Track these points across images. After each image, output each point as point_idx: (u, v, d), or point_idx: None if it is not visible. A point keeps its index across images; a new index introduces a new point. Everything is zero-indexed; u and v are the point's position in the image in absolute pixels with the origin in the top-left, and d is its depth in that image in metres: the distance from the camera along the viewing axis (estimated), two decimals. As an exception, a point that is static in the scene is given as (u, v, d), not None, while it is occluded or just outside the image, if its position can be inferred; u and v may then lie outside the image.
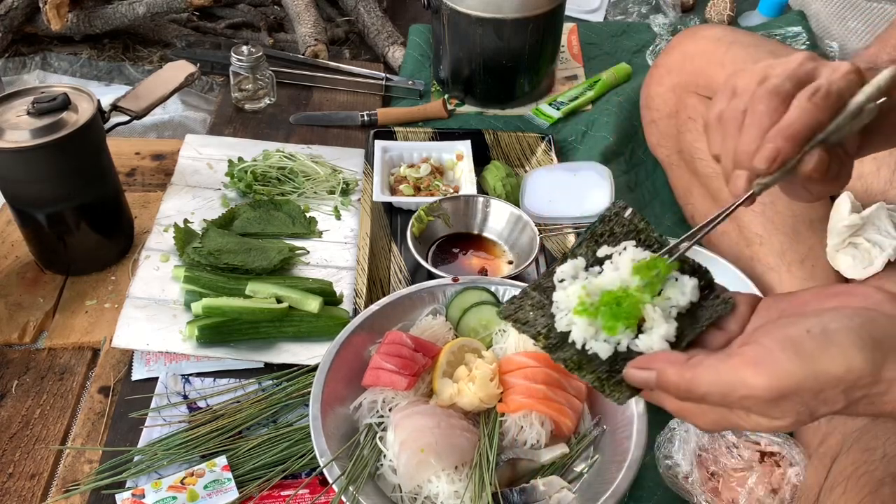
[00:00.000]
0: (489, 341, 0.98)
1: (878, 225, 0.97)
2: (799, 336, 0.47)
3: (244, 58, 1.43)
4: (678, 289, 0.56)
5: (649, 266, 0.56)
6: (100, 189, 1.12)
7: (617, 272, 0.57)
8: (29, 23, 1.73)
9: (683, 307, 0.55)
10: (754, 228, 1.05)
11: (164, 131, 1.64)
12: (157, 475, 0.88)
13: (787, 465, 0.84)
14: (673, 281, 0.56)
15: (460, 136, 1.36)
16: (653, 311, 0.54)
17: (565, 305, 0.58)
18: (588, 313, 0.56)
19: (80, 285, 1.14)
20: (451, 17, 1.41)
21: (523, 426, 0.88)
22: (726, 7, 1.76)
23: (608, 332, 0.55)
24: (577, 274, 0.59)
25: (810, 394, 0.47)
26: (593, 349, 0.56)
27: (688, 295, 0.55)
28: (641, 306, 0.55)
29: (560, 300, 0.58)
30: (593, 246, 0.61)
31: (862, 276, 0.98)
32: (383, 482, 0.86)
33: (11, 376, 1.01)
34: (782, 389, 0.47)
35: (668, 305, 0.55)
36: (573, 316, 0.57)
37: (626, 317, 0.54)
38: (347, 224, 1.23)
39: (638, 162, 1.36)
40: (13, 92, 1.05)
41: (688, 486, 0.85)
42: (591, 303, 0.56)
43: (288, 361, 1.01)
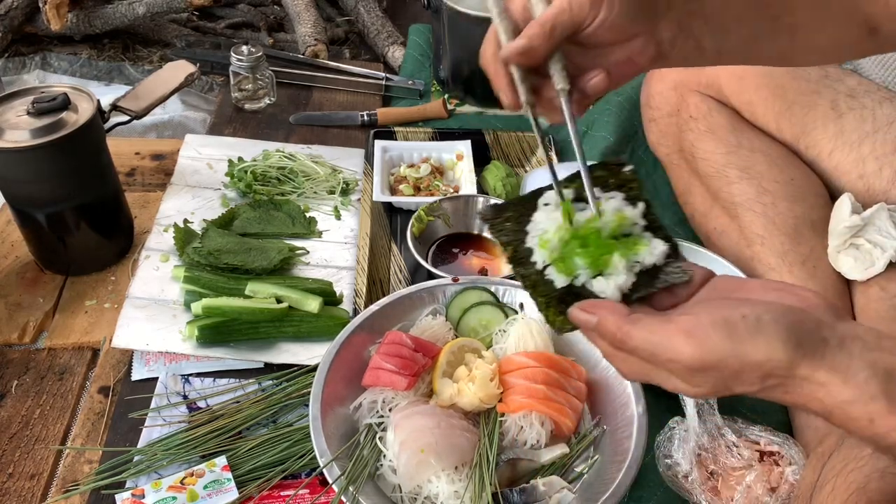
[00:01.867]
0: (489, 341, 0.98)
1: (879, 226, 0.97)
2: (733, 319, 0.52)
3: (244, 58, 1.43)
4: (648, 249, 0.59)
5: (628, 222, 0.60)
6: (100, 189, 1.12)
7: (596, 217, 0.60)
8: (29, 23, 1.73)
9: (646, 266, 0.58)
10: (755, 229, 1.05)
11: (164, 131, 1.64)
12: (157, 475, 0.88)
13: (787, 464, 0.84)
14: (646, 241, 0.59)
15: (460, 136, 1.36)
16: (618, 261, 0.58)
17: (541, 227, 0.61)
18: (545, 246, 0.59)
19: (80, 285, 1.14)
20: (451, 17, 1.40)
21: (523, 426, 0.88)
22: (726, 7, 1.76)
23: (562, 271, 0.59)
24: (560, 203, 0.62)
25: (730, 371, 0.52)
26: (551, 276, 0.59)
27: (654, 257, 0.58)
28: (611, 255, 0.58)
29: (538, 221, 0.61)
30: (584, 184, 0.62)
31: (863, 278, 0.98)
32: (383, 482, 0.86)
33: (11, 376, 1.01)
34: (706, 362, 0.51)
35: (634, 260, 0.58)
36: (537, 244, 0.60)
37: (589, 256, 0.58)
38: (347, 224, 1.23)
39: (638, 162, 1.36)
40: (13, 92, 1.05)
41: (687, 486, 0.85)
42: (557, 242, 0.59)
43: (288, 361, 1.01)
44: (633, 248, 0.59)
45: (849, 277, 1.00)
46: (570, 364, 0.93)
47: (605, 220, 0.60)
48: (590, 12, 0.63)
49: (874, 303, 0.97)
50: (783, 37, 0.73)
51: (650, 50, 0.67)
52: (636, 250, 0.59)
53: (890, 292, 0.96)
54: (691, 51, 0.70)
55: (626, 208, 0.61)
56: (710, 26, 0.70)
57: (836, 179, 1.07)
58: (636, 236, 0.60)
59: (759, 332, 0.51)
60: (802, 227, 1.04)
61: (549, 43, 0.63)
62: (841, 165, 1.06)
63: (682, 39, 0.69)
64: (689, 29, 0.69)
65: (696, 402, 0.86)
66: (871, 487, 0.64)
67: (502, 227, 0.63)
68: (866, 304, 0.98)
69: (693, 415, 0.86)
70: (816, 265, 1.02)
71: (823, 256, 1.02)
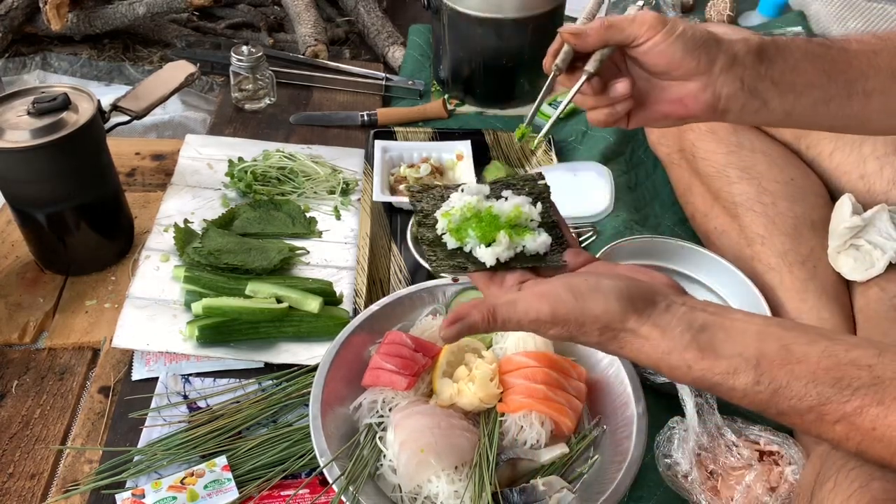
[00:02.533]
0: (489, 341, 0.98)
1: (879, 227, 0.97)
2: (578, 283, 0.63)
3: (244, 58, 1.43)
4: (532, 237, 0.71)
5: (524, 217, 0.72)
6: (100, 189, 1.12)
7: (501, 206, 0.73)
8: (29, 23, 1.73)
9: (530, 251, 0.71)
10: (756, 228, 1.05)
11: (164, 131, 1.64)
12: (157, 475, 0.88)
13: (786, 463, 0.84)
14: (534, 232, 0.72)
15: (460, 136, 1.36)
16: (503, 238, 0.70)
17: (450, 204, 0.74)
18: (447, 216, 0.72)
19: (80, 285, 1.14)
20: (451, 17, 1.41)
21: (523, 426, 0.88)
22: (726, 7, 1.76)
23: (455, 237, 0.71)
24: (477, 194, 0.75)
25: (575, 324, 0.62)
26: (446, 240, 0.72)
27: (536, 245, 0.71)
28: (497, 233, 0.70)
29: (452, 199, 0.74)
30: (502, 188, 0.76)
31: (863, 279, 0.98)
32: (383, 482, 0.86)
33: (11, 376, 1.01)
34: (556, 315, 0.62)
35: (520, 243, 0.71)
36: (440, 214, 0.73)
37: (480, 230, 0.70)
38: (347, 224, 1.24)
39: (638, 162, 1.36)
40: (13, 92, 1.05)
41: (687, 485, 0.85)
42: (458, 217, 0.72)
43: (288, 361, 1.01)
44: (520, 234, 0.71)
45: (849, 278, 1.00)
46: (570, 364, 0.94)
47: (504, 209, 0.72)
48: (647, 31, 0.70)
49: (874, 303, 0.97)
50: (857, 101, 0.76)
51: (705, 97, 0.72)
52: (523, 236, 0.71)
53: (889, 293, 0.96)
54: (757, 110, 0.75)
55: (525, 207, 0.73)
56: (780, 89, 0.74)
57: (837, 179, 1.08)
58: (528, 229, 0.72)
59: (598, 291, 0.62)
60: (802, 227, 1.04)
61: (600, 36, 0.71)
62: (842, 165, 1.06)
63: (746, 98, 0.73)
64: (755, 90, 0.73)
65: (696, 402, 0.86)
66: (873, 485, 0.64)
67: (421, 199, 0.76)
68: (866, 304, 0.98)
69: (693, 414, 0.86)
70: (816, 265, 1.02)
71: (823, 256, 1.02)
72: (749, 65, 0.72)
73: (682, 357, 0.60)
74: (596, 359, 0.96)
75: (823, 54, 0.76)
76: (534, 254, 0.71)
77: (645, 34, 0.70)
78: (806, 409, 0.58)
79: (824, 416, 0.58)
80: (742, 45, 0.73)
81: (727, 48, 0.72)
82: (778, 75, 0.74)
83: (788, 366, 0.58)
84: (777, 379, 0.58)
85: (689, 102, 0.73)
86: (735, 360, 0.59)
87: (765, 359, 0.59)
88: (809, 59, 0.76)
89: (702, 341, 0.60)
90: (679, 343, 0.60)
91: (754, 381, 0.59)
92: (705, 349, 0.60)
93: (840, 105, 0.77)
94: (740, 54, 0.72)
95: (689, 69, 0.71)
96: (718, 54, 0.71)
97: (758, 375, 0.59)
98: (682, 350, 0.60)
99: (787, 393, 0.58)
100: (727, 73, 0.72)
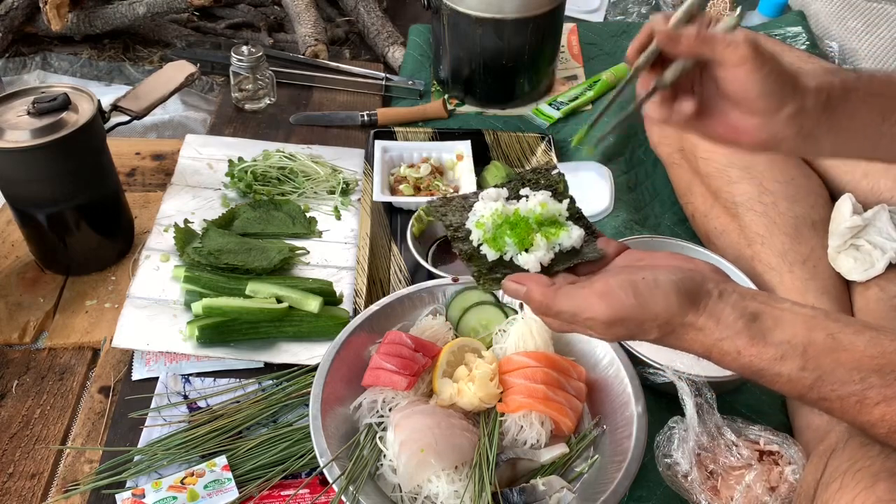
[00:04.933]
0: (489, 341, 0.98)
1: (879, 227, 0.97)
2: (635, 280, 0.64)
3: (244, 58, 1.43)
4: (567, 234, 0.72)
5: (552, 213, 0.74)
6: (100, 189, 1.12)
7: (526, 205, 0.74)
8: (29, 23, 1.73)
9: (566, 248, 0.72)
10: (756, 228, 1.05)
11: (164, 131, 1.64)
12: (157, 475, 0.88)
13: (786, 463, 0.84)
14: (566, 227, 0.73)
15: (460, 136, 1.36)
16: (540, 240, 0.71)
17: (479, 213, 0.75)
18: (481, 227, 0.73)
19: (80, 285, 1.14)
20: (451, 17, 1.41)
21: (523, 426, 0.88)
22: (726, 7, 1.76)
23: (493, 247, 0.72)
24: (498, 198, 0.76)
25: (635, 323, 0.64)
26: (485, 251, 0.73)
27: (572, 240, 0.72)
28: (532, 235, 0.72)
29: (477, 209, 0.75)
30: (519, 186, 0.77)
31: (863, 279, 0.98)
32: (383, 482, 0.86)
33: (11, 376, 1.01)
34: (616, 316, 0.63)
35: (556, 242, 0.72)
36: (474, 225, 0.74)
37: (517, 236, 0.72)
38: (347, 224, 1.24)
39: (638, 162, 1.36)
40: (13, 92, 1.05)
41: (687, 485, 0.85)
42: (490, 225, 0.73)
43: (288, 361, 1.01)
44: (554, 233, 0.73)
45: (848, 278, 1.00)
46: (570, 364, 0.94)
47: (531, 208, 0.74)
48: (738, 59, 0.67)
49: (873, 303, 0.97)
50: None
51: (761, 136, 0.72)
52: (557, 234, 0.72)
53: (889, 293, 0.96)
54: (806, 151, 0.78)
55: (550, 202, 0.74)
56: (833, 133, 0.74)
57: (839, 178, 1.07)
58: (560, 224, 0.74)
59: (657, 288, 0.64)
60: (803, 226, 1.04)
61: (692, 48, 0.68)
62: (845, 163, 1.06)
63: (801, 142, 0.73)
64: (811, 136, 0.73)
65: (696, 402, 0.86)
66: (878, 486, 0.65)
67: (446, 213, 0.77)
68: (865, 304, 0.98)
69: (693, 414, 0.86)
70: (816, 265, 1.02)
71: (823, 256, 1.02)
72: (814, 116, 0.72)
73: (734, 343, 0.63)
74: (596, 359, 0.96)
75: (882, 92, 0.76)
76: (570, 250, 0.72)
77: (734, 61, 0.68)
78: (848, 394, 0.62)
79: (865, 400, 0.61)
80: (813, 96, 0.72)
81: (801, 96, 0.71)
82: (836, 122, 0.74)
83: (834, 353, 0.62)
84: (822, 366, 0.62)
85: (744, 135, 0.73)
86: (783, 347, 0.62)
87: (812, 346, 0.62)
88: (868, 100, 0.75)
89: (753, 329, 0.63)
90: (731, 330, 0.63)
91: (800, 367, 0.62)
92: (755, 336, 0.63)
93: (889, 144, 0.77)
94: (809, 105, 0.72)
95: (758, 108, 0.71)
96: (790, 102, 0.70)
97: (804, 362, 0.62)
98: (734, 337, 0.63)
99: (831, 378, 0.62)
100: (791, 120, 0.71)
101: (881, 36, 1.57)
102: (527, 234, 0.72)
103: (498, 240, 0.72)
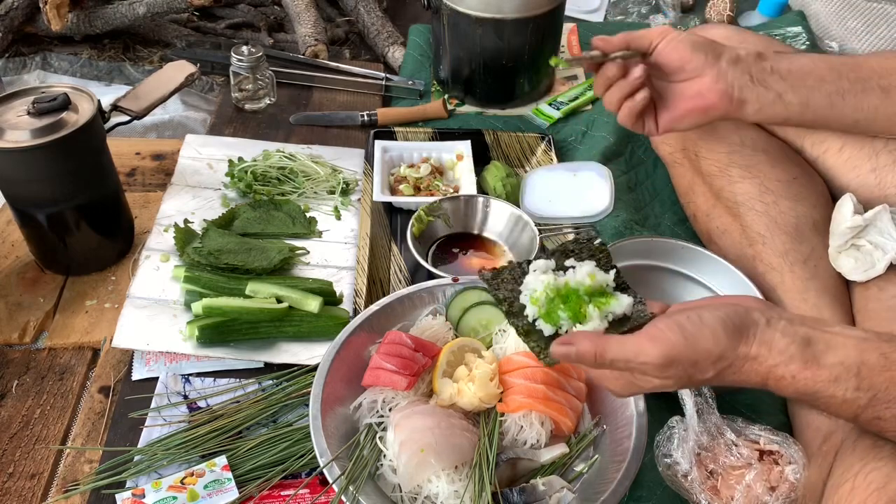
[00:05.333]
0: (489, 341, 0.98)
1: (880, 227, 0.97)
2: (682, 320, 0.66)
3: (244, 58, 1.43)
4: (617, 302, 0.75)
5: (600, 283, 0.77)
6: (100, 189, 1.12)
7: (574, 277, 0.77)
8: (29, 23, 1.73)
9: (617, 315, 0.75)
10: (757, 228, 1.05)
11: (164, 131, 1.64)
12: (157, 475, 0.88)
13: (786, 463, 0.84)
14: (616, 297, 0.76)
15: (460, 136, 1.36)
16: (592, 311, 0.74)
17: (531, 287, 0.78)
18: (535, 303, 0.76)
19: (80, 285, 1.14)
20: (451, 17, 1.41)
21: (523, 426, 0.88)
22: (726, 7, 1.76)
23: (549, 321, 0.75)
24: (546, 270, 0.79)
25: (689, 362, 0.65)
26: (540, 326, 0.75)
27: (622, 308, 0.75)
28: (585, 307, 0.75)
29: (529, 282, 0.78)
30: (563, 257, 0.80)
31: (864, 279, 0.98)
32: (383, 482, 0.86)
33: (11, 376, 1.01)
34: (669, 357, 0.64)
35: (607, 311, 0.75)
36: (529, 301, 0.77)
37: (570, 310, 0.75)
38: (347, 224, 1.24)
39: (638, 162, 1.36)
40: (13, 92, 1.05)
41: (687, 485, 0.85)
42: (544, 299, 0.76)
43: (288, 361, 1.01)
44: (605, 303, 0.75)
45: (849, 278, 1.00)
46: (570, 364, 0.94)
47: (581, 281, 0.76)
48: (659, 35, 0.86)
49: (872, 303, 0.97)
50: (874, 95, 0.85)
51: (719, 86, 0.83)
52: (608, 303, 0.75)
53: (887, 293, 0.96)
54: (773, 101, 0.84)
55: (597, 272, 0.77)
56: (789, 82, 0.84)
57: (845, 175, 1.06)
58: (608, 294, 0.77)
59: (704, 326, 0.65)
60: (804, 226, 1.04)
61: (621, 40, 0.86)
62: (852, 159, 1.05)
63: (759, 90, 0.84)
64: (764, 82, 0.84)
65: (696, 402, 0.86)
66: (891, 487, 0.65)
67: (499, 287, 0.80)
68: (864, 304, 0.98)
69: (692, 414, 0.86)
70: (817, 265, 1.02)
71: (824, 256, 1.02)
72: (752, 62, 0.83)
73: (788, 368, 0.65)
74: (596, 359, 0.96)
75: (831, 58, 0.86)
76: (621, 317, 0.75)
77: (657, 37, 0.85)
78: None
79: None
80: (743, 48, 0.85)
81: (730, 48, 0.84)
82: (784, 71, 0.83)
83: (888, 372, 0.63)
84: (876, 385, 0.63)
85: (706, 93, 0.83)
86: (837, 369, 0.64)
87: (865, 367, 0.64)
88: (815, 60, 0.85)
89: (806, 354, 0.65)
90: (785, 356, 0.65)
91: (855, 387, 0.64)
92: (809, 360, 0.64)
93: (857, 98, 0.84)
94: (742, 53, 0.84)
95: (698, 63, 0.83)
96: (723, 51, 0.83)
97: (858, 382, 0.63)
98: (787, 362, 0.65)
99: (885, 397, 0.63)
100: (734, 67, 0.83)
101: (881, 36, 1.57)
102: (579, 306, 0.75)
103: (552, 314, 0.75)
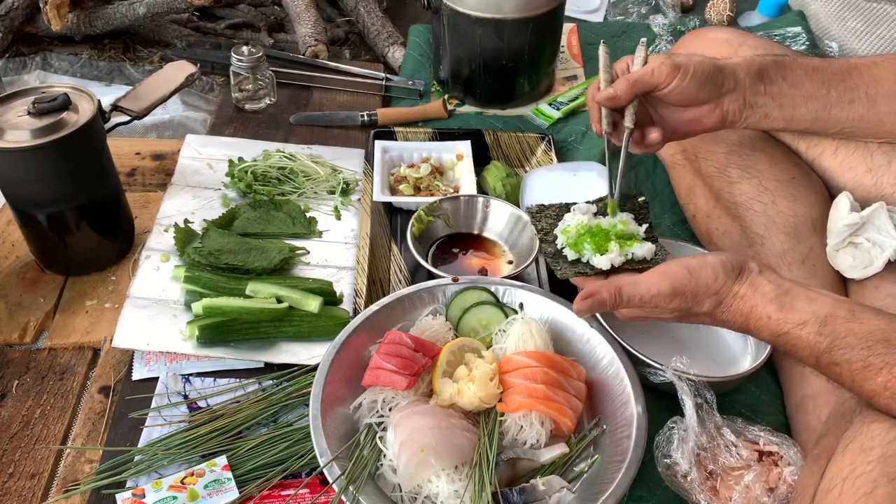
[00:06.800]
0: (489, 341, 0.98)
1: (878, 225, 0.97)
2: (688, 261, 0.79)
3: (244, 58, 1.43)
4: (639, 246, 0.87)
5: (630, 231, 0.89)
6: (100, 189, 1.12)
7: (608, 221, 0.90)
8: (29, 23, 1.73)
9: (638, 257, 0.87)
10: (756, 229, 1.05)
11: (164, 131, 1.64)
12: (158, 475, 0.88)
13: (785, 464, 0.84)
14: (640, 241, 0.88)
15: (460, 136, 1.36)
16: (614, 246, 0.86)
17: (566, 223, 0.91)
18: (566, 233, 0.90)
19: (81, 285, 1.14)
20: (451, 17, 1.41)
21: (523, 426, 0.88)
22: (726, 7, 1.77)
23: (574, 250, 0.88)
24: (587, 212, 0.92)
25: (691, 294, 0.78)
26: (566, 252, 0.89)
27: (643, 252, 0.87)
28: (608, 244, 0.87)
29: (567, 220, 0.92)
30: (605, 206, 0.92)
31: (862, 276, 0.98)
32: (383, 482, 0.86)
33: (12, 376, 1.01)
34: (675, 288, 0.78)
35: (629, 251, 0.87)
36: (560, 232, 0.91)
37: (595, 244, 0.87)
38: (347, 224, 1.24)
39: (638, 162, 1.36)
40: (13, 92, 1.05)
41: (686, 485, 0.85)
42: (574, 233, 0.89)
43: (288, 361, 1.01)
44: (628, 243, 0.87)
45: (847, 276, 1.00)
46: (569, 364, 0.94)
47: (613, 224, 0.89)
48: (666, 79, 0.87)
49: (867, 301, 0.97)
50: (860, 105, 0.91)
51: (716, 114, 0.91)
52: (631, 244, 0.87)
53: (884, 291, 0.96)
54: (759, 119, 0.92)
55: (631, 222, 0.90)
56: (778, 102, 0.91)
57: (841, 176, 1.07)
58: (635, 238, 0.88)
59: (706, 264, 0.78)
60: (802, 225, 1.04)
61: (630, 95, 0.88)
62: (847, 161, 1.05)
63: (749, 111, 0.91)
64: (755, 104, 0.91)
65: (695, 402, 0.86)
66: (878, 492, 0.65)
67: (540, 219, 0.94)
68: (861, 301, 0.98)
69: (692, 414, 0.86)
70: (816, 264, 1.02)
71: (822, 255, 1.02)
72: (749, 85, 0.89)
73: (766, 309, 0.76)
74: (596, 359, 0.96)
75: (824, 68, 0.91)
76: (641, 259, 0.86)
77: (665, 81, 0.87)
78: (854, 359, 0.71)
79: (869, 367, 0.70)
80: (743, 68, 0.90)
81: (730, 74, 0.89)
82: (777, 91, 0.90)
83: (849, 324, 0.72)
84: (837, 332, 0.72)
85: (704, 120, 0.91)
86: (807, 315, 0.74)
87: (832, 317, 0.73)
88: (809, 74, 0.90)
89: (784, 300, 0.75)
90: (766, 298, 0.76)
91: (817, 332, 0.73)
92: (785, 305, 0.75)
93: (842, 110, 0.91)
94: (741, 77, 0.89)
95: (703, 98, 0.89)
96: (724, 81, 0.89)
97: (821, 328, 0.73)
98: (766, 304, 0.76)
99: (841, 343, 0.71)
100: (731, 95, 0.89)
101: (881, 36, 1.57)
102: (604, 242, 0.87)
103: (578, 245, 0.88)
